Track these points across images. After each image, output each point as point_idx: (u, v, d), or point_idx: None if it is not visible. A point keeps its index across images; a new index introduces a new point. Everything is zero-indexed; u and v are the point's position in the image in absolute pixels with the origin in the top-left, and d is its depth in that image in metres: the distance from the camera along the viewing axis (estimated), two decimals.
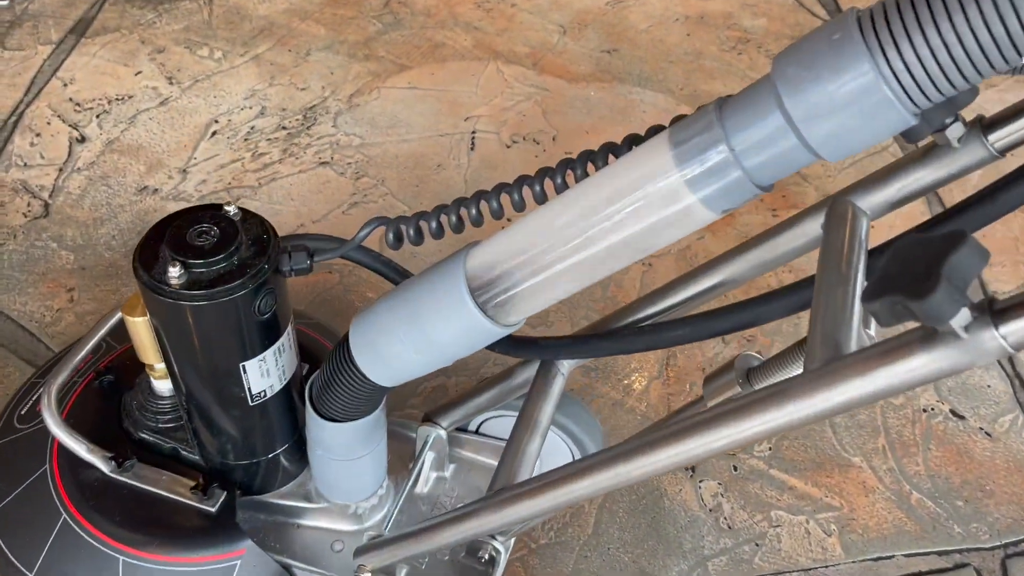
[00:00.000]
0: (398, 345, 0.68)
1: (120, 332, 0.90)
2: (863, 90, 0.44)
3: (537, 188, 0.64)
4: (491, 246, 0.64)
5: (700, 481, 1.03)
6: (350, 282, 1.23)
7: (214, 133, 1.42)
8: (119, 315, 0.87)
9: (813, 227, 0.67)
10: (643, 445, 0.59)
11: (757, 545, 0.98)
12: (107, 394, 0.91)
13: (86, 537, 0.83)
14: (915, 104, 0.44)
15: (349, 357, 0.71)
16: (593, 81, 1.57)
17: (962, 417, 1.10)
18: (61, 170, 1.34)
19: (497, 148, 1.44)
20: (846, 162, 1.47)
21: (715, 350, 1.17)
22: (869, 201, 0.63)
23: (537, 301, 0.64)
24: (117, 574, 0.82)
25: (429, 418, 0.90)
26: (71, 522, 0.83)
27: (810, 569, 0.96)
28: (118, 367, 0.93)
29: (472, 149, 1.44)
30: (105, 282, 1.20)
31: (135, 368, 0.89)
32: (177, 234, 0.69)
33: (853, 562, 0.97)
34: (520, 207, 0.65)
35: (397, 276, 0.76)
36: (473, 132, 1.46)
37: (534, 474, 0.73)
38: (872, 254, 0.59)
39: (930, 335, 0.43)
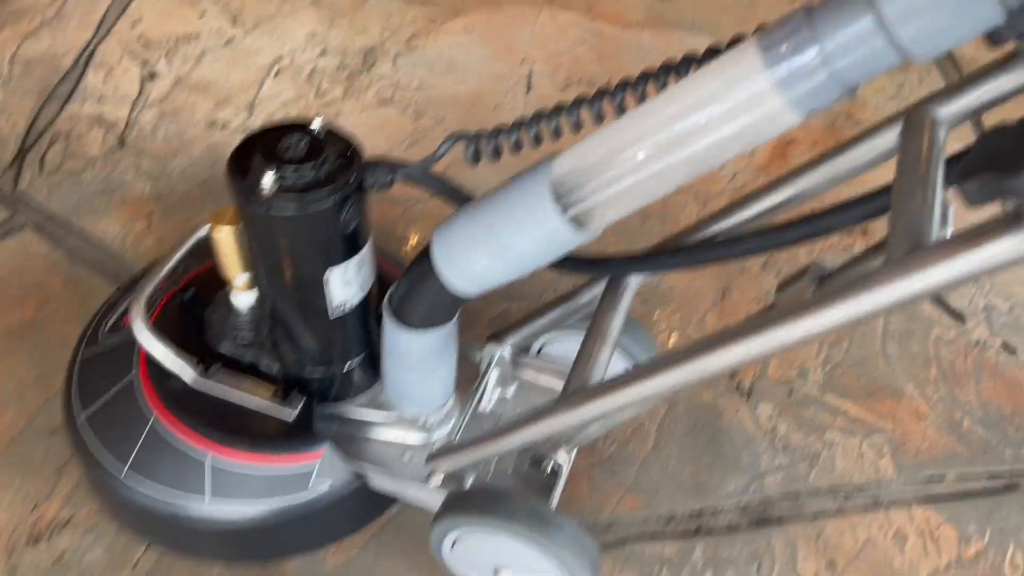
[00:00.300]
0: (478, 253, 0.70)
1: (199, 253, 0.94)
2: None
3: (617, 100, 0.65)
4: (575, 155, 0.65)
5: (756, 405, 1.07)
6: (412, 214, 1.27)
7: (278, 72, 1.46)
8: (199, 235, 0.93)
9: (886, 139, 0.68)
10: (723, 339, 0.61)
11: (811, 464, 1.01)
12: (188, 310, 0.95)
13: (174, 438, 0.87)
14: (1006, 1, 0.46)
15: (431, 265, 0.73)
16: (646, 27, 1.59)
17: (1013, 351, 1.13)
18: (133, 105, 1.39)
19: (552, 90, 1.47)
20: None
21: (770, 284, 1.20)
22: (946, 110, 0.64)
23: (619, 208, 0.66)
24: (204, 472, 0.86)
25: (494, 337, 0.93)
26: (160, 424, 0.88)
27: (863, 486, 1.00)
28: (198, 285, 0.97)
29: (528, 91, 1.47)
30: (180, 210, 1.25)
31: (214, 285, 0.93)
32: (269, 145, 0.72)
33: (905, 482, 1.00)
34: (599, 120, 0.67)
35: (462, 199, 0.77)
36: (528, 75, 1.49)
37: None
38: (950, 162, 0.61)
39: (1016, 217, 0.46)
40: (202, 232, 0.92)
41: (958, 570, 0.93)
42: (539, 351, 1.00)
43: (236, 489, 0.86)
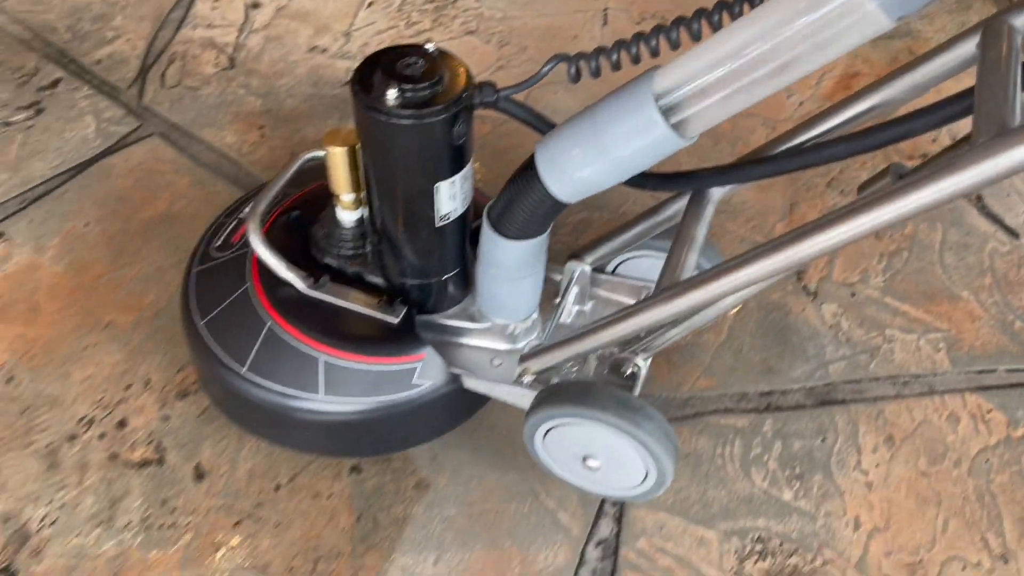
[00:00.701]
0: (584, 161, 0.75)
1: (297, 181, 1.01)
2: None
3: (715, 18, 0.70)
4: (678, 67, 0.70)
5: (821, 304, 1.16)
6: (500, 131, 1.37)
7: (370, 3, 1.56)
8: (301, 161, 1.00)
9: (965, 50, 0.72)
10: (813, 228, 0.65)
11: (872, 355, 1.11)
12: (294, 227, 1.02)
13: (290, 341, 0.94)
14: None
15: (534, 173, 0.78)
16: None
17: None
18: (240, 31, 1.50)
19: (627, 24, 1.55)
20: None
21: (835, 200, 1.28)
22: (1021, 19, 0.69)
23: (718, 114, 0.70)
24: (317, 370, 0.94)
25: (574, 256, 1.00)
26: (276, 328, 0.95)
27: (920, 375, 1.09)
28: (302, 206, 1.04)
29: (604, 24, 1.55)
30: (289, 124, 1.36)
31: (317, 206, 1.01)
32: (391, 64, 0.78)
33: (958, 372, 1.09)
34: (697, 37, 0.71)
35: (546, 127, 0.81)
36: (605, 9, 1.58)
37: None
38: None
39: None
40: (304, 158, 1.00)
41: (1006, 448, 1.03)
42: (614, 270, 1.06)
43: (347, 386, 0.93)
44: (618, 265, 1.05)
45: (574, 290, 1.01)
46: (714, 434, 1.03)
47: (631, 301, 1.01)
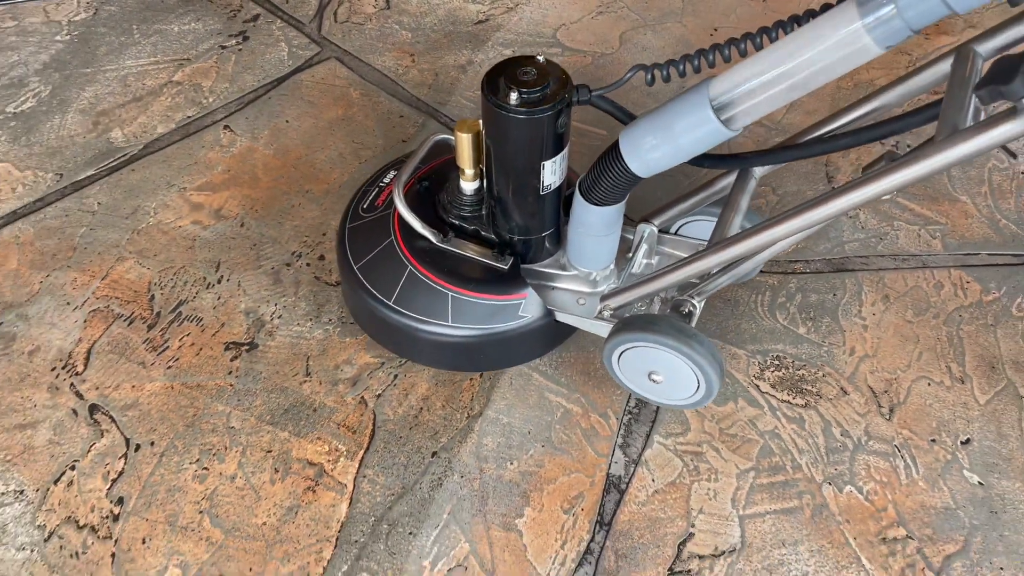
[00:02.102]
0: (656, 146, 0.97)
1: (428, 155, 1.26)
2: None
3: (759, 40, 0.92)
4: (728, 77, 0.91)
5: None
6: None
7: None
8: (433, 141, 1.26)
9: (942, 67, 0.95)
10: (826, 197, 0.89)
11: (880, 239, 1.43)
12: (424, 195, 1.27)
13: (426, 280, 1.19)
14: None
15: (619, 154, 1.01)
16: None
17: None
18: None
19: None
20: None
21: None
22: (984, 47, 0.90)
23: (758, 112, 0.91)
24: (447, 303, 1.18)
25: (644, 219, 1.22)
26: (415, 271, 1.19)
27: (917, 255, 1.41)
28: (429, 177, 1.28)
29: None
30: (432, 52, 1.74)
31: (441, 179, 1.26)
32: (511, 72, 1.01)
33: (948, 254, 1.41)
34: (743, 55, 0.92)
35: (627, 117, 1.04)
36: None
37: None
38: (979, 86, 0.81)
39: (1011, 112, 0.74)
40: (435, 139, 1.26)
41: (977, 308, 1.34)
42: (676, 231, 1.28)
43: (469, 316, 1.18)
44: (680, 227, 1.28)
45: (643, 247, 1.23)
46: (750, 287, 1.37)
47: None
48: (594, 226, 1.11)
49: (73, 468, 1.17)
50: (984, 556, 1.09)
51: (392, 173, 1.32)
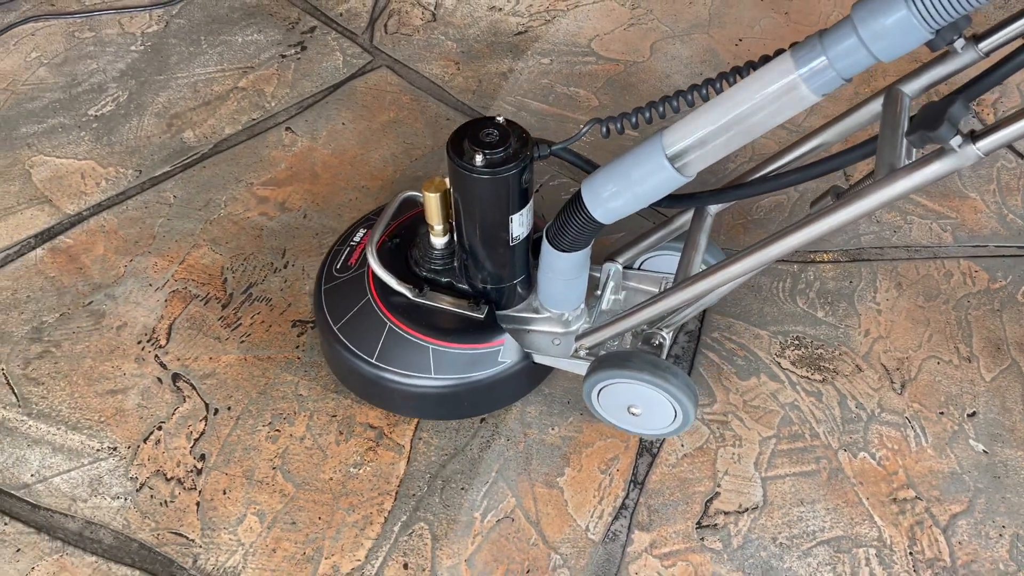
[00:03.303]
0: (617, 194, 1.03)
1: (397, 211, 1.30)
2: (903, 21, 0.80)
3: (704, 91, 0.99)
4: (679, 127, 0.98)
5: None
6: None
7: None
8: (400, 199, 1.30)
9: (875, 106, 1.03)
10: (778, 235, 0.95)
11: (894, 232, 1.54)
12: (395, 251, 1.30)
13: (406, 336, 1.22)
14: (931, 25, 0.80)
15: (581, 203, 1.07)
16: None
17: None
18: None
19: None
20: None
21: None
22: (910, 87, 0.98)
23: (708, 160, 0.98)
24: (429, 357, 1.22)
25: (609, 258, 1.29)
26: (394, 328, 1.23)
27: (928, 246, 1.51)
28: (399, 233, 1.32)
29: None
30: (476, 61, 1.87)
31: (410, 234, 1.29)
32: (475, 134, 1.07)
33: (958, 246, 1.51)
34: (692, 105, 1.01)
35: (590, 167, 1.11)
36: None
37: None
38: (911, 119, 0.88)
39: (939, 152, 0.82)
40: (402, 197, 1.31)
41: (984, 295, 1.44)
42: (640, 266, 1.34)
43: (451, 366, 1.22)
44: (643, 262, 1.34)
45: (610, 284, 1.30)
46: (772, 274, 1.48)
47: (655, 289, 1.31)
48: (563, 271, 1.17)
49: (160, 428, 1.30)
50: (987, 516, 1.19)
51: (362, 232, 1.36)
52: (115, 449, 1.28)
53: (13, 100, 1.80)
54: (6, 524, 1.20)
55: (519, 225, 1.14)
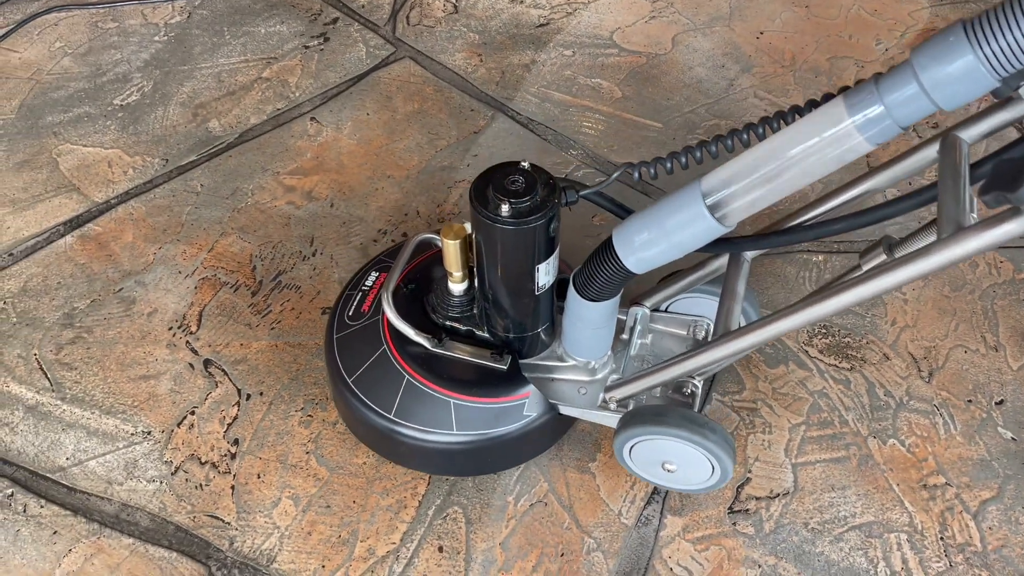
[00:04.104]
0: (652, 243, 0.96)
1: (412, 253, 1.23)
2: (969, 68, 0.73)
3: (746, 137, 0.94)
4: (719, 174, 0.91)
5: (886, 190, 1.60)
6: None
7: None
8: (417, 241, 1.24)
9: (929, 152, 0.95)
10: (827, 294, 0.88)
11: (920, 222, 1.54)
12: (411, 297, 1.23)
13: (426, 390, 1.15)
14: (999, 73, 0.73)
15: (612, 252, 1.00)
16: None
17: None
18: None
19: None
20: None
21: None
22: (968, 133, 0.91)
23: (751, 209, 0.90)
24: (450, 412, 1.15)
25: (636, 301, 1.23)
26: (413, 381, 1.16)
27: None
28: (415, 278, 1.25)
29: None
30: (498, 52, 1.88)
31: (426, 278, 1.23)
32: (499, 182, 1.00)
33: None
34: (731, 150, 0.94)
35: (624, 212, 1.05)
36: None
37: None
38: (973, 167, 0.86)
39: (1015, 211, 0.75)
40: (417, 239, 1.24)
41: (1010, 285, 1.45)
42: (667, 308, 1.27)
43: (474, 422, 1.15)
44: (669, 304, 1.27)
45: (638, 328, 1.24)
46: (798, 264, 1.49)
47: (683, 332, 1.26)
48: (591, 320, 1.11)
49: (193, 413, 1.31)
50: (1017, 501, 1.20)
51: (374, 275, 1.28)
52: (149, 433, 1.29)
53: (38, 89, 1.81)
54: (42, 507, 1.21)
55: (545, 274, 1.08)
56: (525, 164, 1.02)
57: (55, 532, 1.19)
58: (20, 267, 1.50)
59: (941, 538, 1.17)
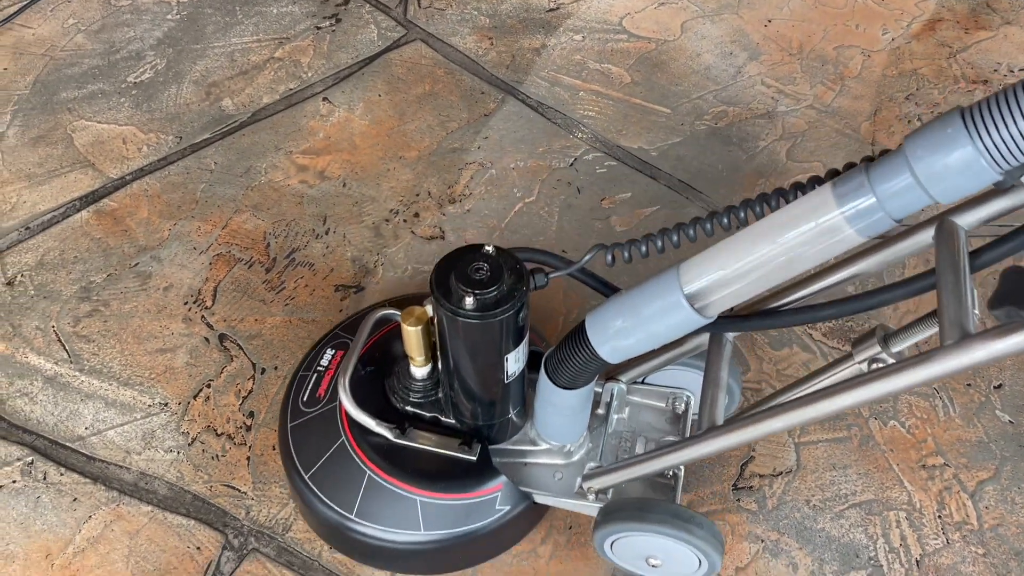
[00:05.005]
0: (628, 334, 0.89)
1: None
2: (968, 161, 0.65)
3: (726, 221, 0.85)
4: (699, 263, 0.84)
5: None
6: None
7: None
8: (375, 319, 1.15)
9: (923, 237, 0.85)
10: (830, 394, 0.80)
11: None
12: (369, 380, 1.14)
13: (389, 487, 1.07)
14: (1001, 166, 0.66)
15: (585, 338, 0.92)
16: None
17: None
18: None
19: None
20: None
21: (911, 111, 1.73)
22: (965, 219, 0.82)
23: (733, 300, 0.84)
24: (417, 511, 1.06)
25: (612, 377, 1.16)
26: (375, 477, 1.07)
27: None
28: (373, 359, 1.16)
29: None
30: (509, 35, 1.90)
31: (384, 357, 1.15)
32: (461, 271, 0.92)
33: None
34: (710, 234, 0.86)
35: (608, 290, 0.98)
36: None
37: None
38: (972, 254, 0.78)
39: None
40: (375, 319, 1.15)
41: None
42: (643, 380, 1.20)
43: (443, 520, 1.07)
44: (645, 376, 1.19)
45: (614, 404, 1.17)
46: None
47: (662, 405, 1.19)
48: (563, 407, 1.04)
49: (209, 386, 1.33)
50: (1013, 482, 1.24)
51: (330, 352, 1.21)
52: (166, 405, 1.31)
53: (52, 66, 1.82)
54: (62, 475, 1.24)
55: (515, 362, 1.01)
56: (489, 248, 0.94)
57: (75, 499, 1.22)
58: (37, 241, 1.52)
59: (939, 516, 1.21)
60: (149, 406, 1.31)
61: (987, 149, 0.65)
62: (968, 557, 1.17)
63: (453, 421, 1.11)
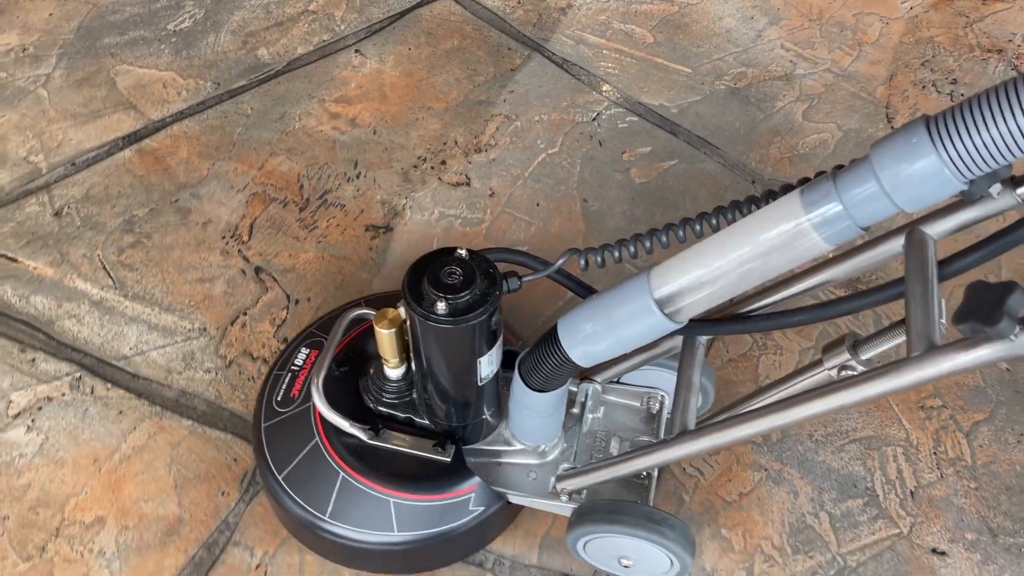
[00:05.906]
0: (599, 339, 0.90)
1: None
2: (932, 170, 0.66)
3: (699, 227, 0.87)
4: (668, 268, 0.85)
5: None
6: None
7: None
8: (348, 320, 1.13)
9: (893, 245, 0.86)
10: (800, 401, 0.81)
11: None
12: (343, 380, 1.15)
13: (363, 488, 1.08)
14: (964, 176, 0.65)
15: (557, 342, 0.93)
16: None
17: None
18: None
19: None
20: None
21: (925, 77, 1.78)
22: (934, 229, 0.82)
23: (704, 305, 0.85)
24: (390, 512, 1.07)
25: (587, 378, 1.16)
26: (348, 478, 1.08)
27: None
28: (347, 359, 1.16)
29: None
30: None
31: (359, 357, 1.16)
32: (434, 275, 0.93)
33: None
34: (683, 240, 0.87)
35: (585, 292, 0.99)
36: None
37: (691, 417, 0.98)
38: (941, 264, 0.79)
39: (988, 337, 0.68)
40: (350, 318, 1.14)
41: None
42: (619, 379, 1.20)
43: (417, 521, 1.08)
44: (620, 376, 1.19)
45: (589, 403, 1.18)
46: None
47: (637, 404, 1.20)
48: (537, 409, 1.05)
49: (245, 314, 1.41)
50: (1007, 424, 1.30)
51: (304, 351, 1.21)
52: (205, 330, 1.39)
53: (95, 12, 1.89)
54: (108, 389, 1.32)
55: (488, 364, 1.01)
56: (462, 252, 0.95)
57: (120, 412, 1.30)
58: (82, 176, 1.60)
59: (934, 453, 1.27)
60: (189, 330, 1.39)
61: (951, 159, 0.65)
62: (960, 490, 1.24)
63: (427, 422, 1.12)
